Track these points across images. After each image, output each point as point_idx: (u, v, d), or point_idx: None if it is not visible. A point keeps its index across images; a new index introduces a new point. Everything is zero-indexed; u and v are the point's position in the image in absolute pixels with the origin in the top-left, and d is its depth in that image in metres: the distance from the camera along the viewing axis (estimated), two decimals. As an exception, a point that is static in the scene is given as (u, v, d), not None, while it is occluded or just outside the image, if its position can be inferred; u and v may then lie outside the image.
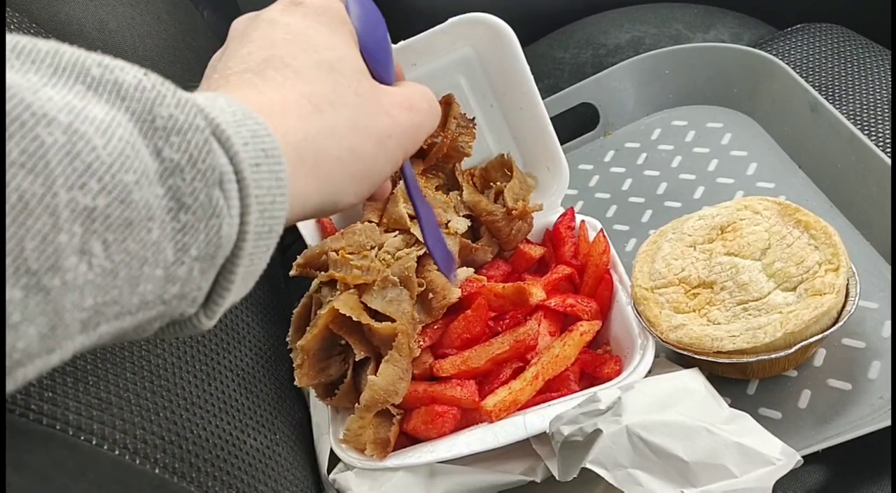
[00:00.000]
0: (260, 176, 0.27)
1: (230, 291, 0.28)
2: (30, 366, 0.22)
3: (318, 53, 0.34)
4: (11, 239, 0.20)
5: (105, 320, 0.23)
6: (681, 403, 0.46)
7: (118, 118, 0.23)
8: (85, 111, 0.23)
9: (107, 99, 0.24)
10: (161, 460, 0.42)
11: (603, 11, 0.96)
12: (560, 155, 0.64)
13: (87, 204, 0.22)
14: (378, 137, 0.35)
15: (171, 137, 0.24)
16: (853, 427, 0.50)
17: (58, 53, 0.24)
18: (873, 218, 0.60)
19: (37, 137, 0.21)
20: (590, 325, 0.54)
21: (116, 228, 0.23)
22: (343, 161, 0.33)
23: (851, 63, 0.76)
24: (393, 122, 0.36)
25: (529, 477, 0.52)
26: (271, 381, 0.59)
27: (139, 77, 0.25)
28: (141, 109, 0.24)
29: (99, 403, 0.40)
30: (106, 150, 0.23)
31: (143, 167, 0.24)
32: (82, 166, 0.22)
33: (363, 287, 0.54)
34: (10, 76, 0.21)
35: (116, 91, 0.24)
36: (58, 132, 0.22)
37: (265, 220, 0.28)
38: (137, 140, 0.24)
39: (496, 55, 0.61)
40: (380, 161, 0.35)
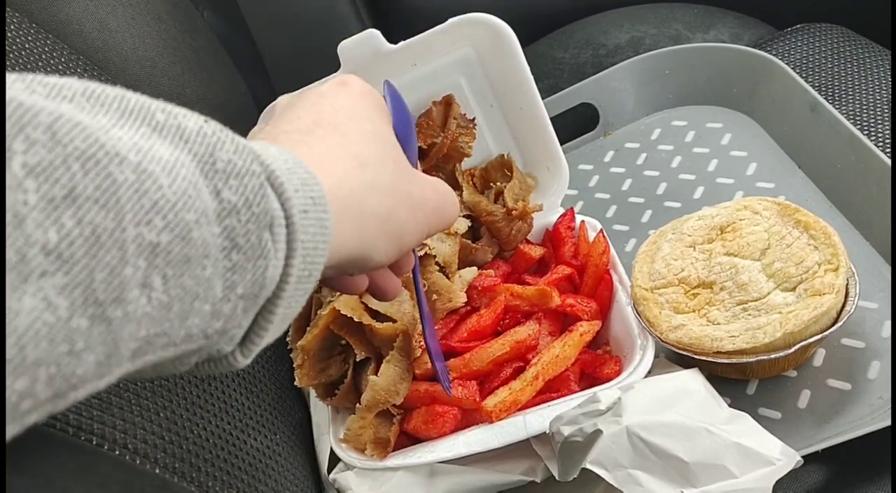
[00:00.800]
0: (307, 222, 0.29)
1: (268, 331, 0.29)
2: (81, 390, 0.22)
3: (363, 123, 0.37)
4: (84, 270, 0.21)
5: (152, 350, 0.24)
6: (681, 403, 0.46)
7: (182, 159, 0.25)
8: (152, 151, 0.24)
9: (171, 141, 0.25)
10: (161, 460, 0.42)
11: (603, 11, 0.96)
12: (560, 155, 0.64)
13: (151, 240, 0.23)
14: (411, 205, 0.37)
15: (231, 180, 0.26)
16: (853, 427, 0.50)
17: (125, 98, 0.25)
18: (873, 218, 0.60)
19: (109, 175, 0.22)
20: (590, 325, 0.54)
21: (176, 264, 0.24)
22: (381, 218, 0.35)
23: (851, 63, 0.76)
24: (424, 196, 0.38)
25: (529, 477, 0.52)
26: (271, 381, 0.59)
27: (200, 123, 0.26)
28: (203, 152, 0.26)
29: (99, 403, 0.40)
30: (171, 188, 0.24)
31: (204, 207, 0.25)
32: (149, 204, 0.23)
33: (363, 287, 0.54)
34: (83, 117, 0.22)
35: (180, 135, 0.25)
36: (128, 171, 0.23)
37: (307, 264, 0.29)
38: (199, 181, 0.25)
39: (496, 55, 0.61)
40: (410, 227, 0.37)
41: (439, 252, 0.57)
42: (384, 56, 0.60)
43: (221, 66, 0.80)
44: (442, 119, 0.62)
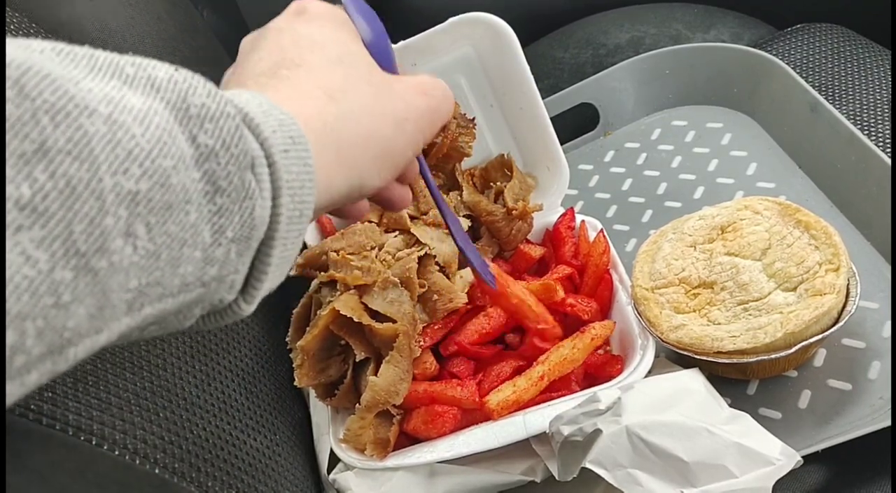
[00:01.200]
0: (289, 161, 0.29)
1: (267, 274, 0.29)
2: (80, 345, 0.23)
3: (326, 50, 0.36)
4: (61, 222, 0.21)
5: (148, 301, 0.25)
6: (681, 403, 0.46)
7: (154, 107, 0.25)
8: (123, 102, 0.24)
9: (142, 91, 0.25)
10: (161, 460, 0.42)
11: (603, 11, 0.96)
12: (560, 155, 0.64)
13: (130, 188, 0.23)
14: (395, 120, 0.36)
15: (205, 123, 0.26)
16: (853, 427, 0.50)
17: (94, 56, 0.25)
18: (873, 218, 0.60)
19: (80, 127, 0.22)
20: (602, 328, 0.54)
21: (158, 211, 0.24)
22: (363, 145, 0.34)
23: (851, 63, 0.76)
24: (408, 106, 0.37)
25: (529, 477, 0.52)
26: (271, 381, 0.59)
27: (171, 72, 0.26)
28: (175, 99, 0.25)
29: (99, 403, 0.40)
30: (144, 137, 0.24)
31: (180, 153, 0.25)
32: (124, 153, 0.23)
33: (364, 288, 0.54)
34: (53, 68, 0.22)
35: (151, 84, 0.25)
36: (99, 122, 0.23)
37: (296, 204, 0.29)
38: (174, 127, 0.25)
39: (496, 55, 0.61)
40: (399, 143, 0.36)
41: (439, 252, 0.57)
42: (384, 56, 0.60)
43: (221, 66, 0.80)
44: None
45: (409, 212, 0.60)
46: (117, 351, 0.44)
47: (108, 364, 0.43)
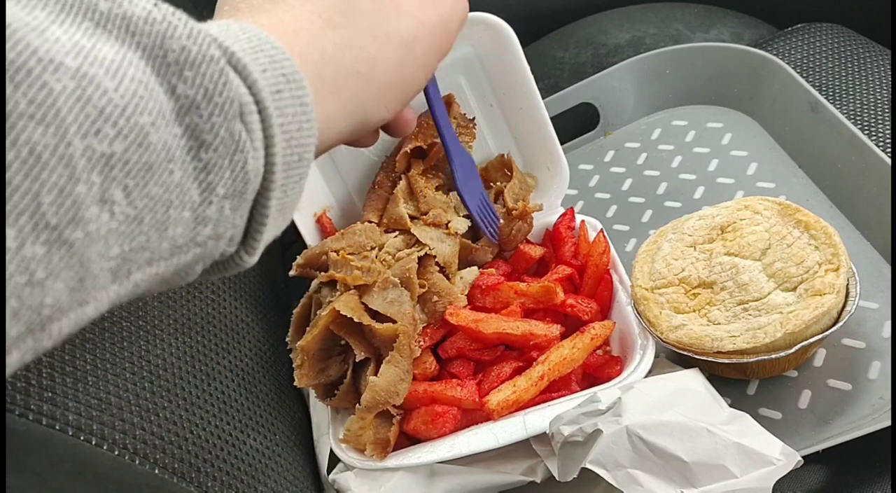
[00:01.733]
0: (283, 103, 0.26)
1: (266, 225, 0.27)
2: (64, 320, 0.21)
3: None
4: (27, 194, 0.19)
5: (136, 267, 0.23)
6: (681, 403, 0.46)
7: (129, 56, 0.23)
8: (94, 51, 0.22)
9: (116, 35, 0.23)
10: (161, 460, 0.42)
11: (603, 11, 0.96)
12: (560, 155, 0.64)
13: (103, 151, 0.21)
14: (402, 42, 0.33)
15: (185, 71, 0.24)
16: (853, 427, 0.50)
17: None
18: (873, 218, 0.60)
19: (45, 85, 0.20)
20: (602, 328, 0.54)
21: (136, 173, 0.22)
22: (364, 74, 0.31)
23: (851, 63, 0.76)
24: (417, 22, 0.34)
25: (529, 477, 0.52)
26: (271, 381, 0.59)
27: (149, 8, 0.24)
28: (152, 44, 0.23)
29: (99, 403, 0.40)
30: (118, 92, 0.22)
31: (159, 107, 0.23)
32: (95, 112, 0.21)
33: (364, 288, 0.54)
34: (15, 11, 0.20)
35: (126, 26, 0.23)
36: (66, 78, 0.21)
37: (293, 149, 0.27)
38: (150, 79, 0.23)
39: (496, 55, 0.61)
40: (408, 68, 0.33)
41: (439, 252, 0.57)
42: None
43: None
44: None
45: (408, 212, 0.60)
46: (117, 351, 0.44)
47: (108, 364, 0.43)
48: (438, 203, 0.61)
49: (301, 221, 0.65)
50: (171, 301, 0.52)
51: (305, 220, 0.65)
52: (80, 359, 0.41)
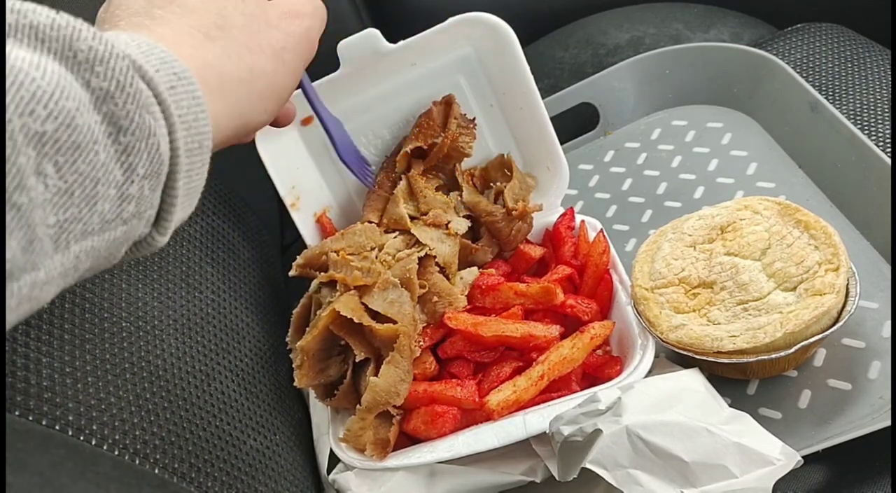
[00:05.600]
0: (178, 97, 0.30)
1: (175, 206, 0.31)
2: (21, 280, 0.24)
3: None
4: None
5: (73, 238, 0.26)
6: (681, 403, 0.46)
7: (43, 58, 0.25)
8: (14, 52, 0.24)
9: (27, 42, 0.25)
10: (161, 460, 0.42)
11: (603, 11, 0.96)
12: (560, 155, 0.64)
13: (37, 129, 0.24)
14: (273, 52, 0.37)
15: (96, 67, 0.26)
16: (853, 427, 0.50)
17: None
18: (873, 218, 0.60)
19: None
20: (601, 328, 0.54)
21: (66, 150, 0.25)
22: (245, 81, 0.35)
23: (851, 63, 0.76)
24: (284, 34, 0.38)
25: (529, 477, 0.52)
26: (271, 381, 0.59)
27: (52, 16, 0.26)
28: (61, 47, 0.26)
29: (99, 403, 0.40)
30: (44, 80, 0.24)
31: (79, 96, 0.26)
32: (28, 95, 0.24)
33: (364, 288, 0.54)
34: None
35: (34, 34, 0.26)
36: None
37: (192, 136, 0.30)
38: (66, 74, 0.25)
39: (496, 55, 0.61)
40: (280, 75, 0.38)
41: (439, 253, 0.57)
42: (383, 55, 0.60)
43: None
44: (442, 119, 0.62)
45: (408, 212, 0.60)
46: (117, 351, 0.44)
47: (108, 365, 0.43)
48: (438, 203, 0.61)
49: (301, 222, 0.65)
50: (171, 301, 0.52)
51: (305, 220, 0.65)
52: (80, 359, 0.41)
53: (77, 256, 0.26)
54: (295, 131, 0.65)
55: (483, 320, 0.54)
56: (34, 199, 0.24)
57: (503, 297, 0.57)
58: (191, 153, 0.30)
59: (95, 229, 0.27)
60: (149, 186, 0.28)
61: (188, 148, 0.30)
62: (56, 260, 0.25)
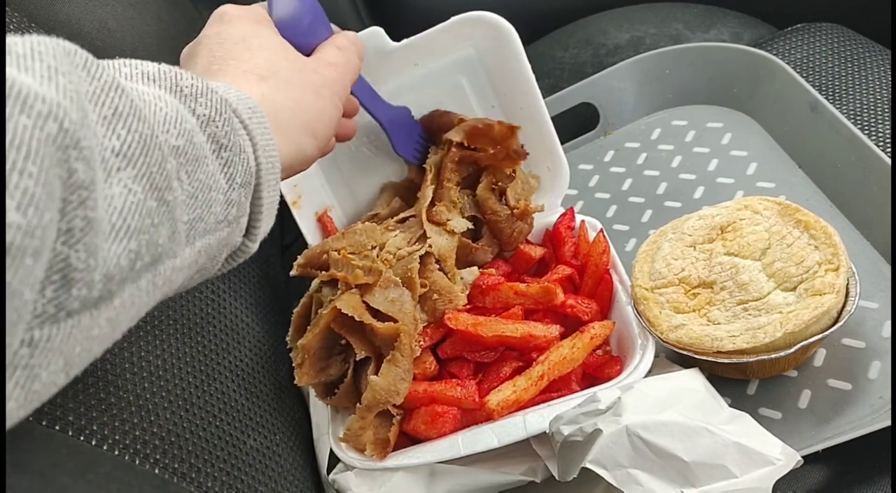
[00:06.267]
0: (254, 124, 0.36)
1: (262, 215, 0.37)
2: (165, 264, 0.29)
3: (248, 42, 0.43)
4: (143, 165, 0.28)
5: (197, 234, 0.32)
6: (681, 403, 0.46)
7: (161, 92, 0.31)
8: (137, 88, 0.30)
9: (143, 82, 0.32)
10: (161, 460, 0.42)
11: (603, 11, 0.96)
12: (560, 155, 0.64)
13: (173, 143, 0.30)
14: (314, 88, 0.44)
15: (199, 98, 0.33)
16: (853, 427, 0.50)
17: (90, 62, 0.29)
18: (873, 218, 0.60)
19: (131, 100, 0.28)
20: (601, 328, 0.54)
21: (191, 162, 0.31)
22: (295, 110, 0.41)
23: (851, 63, 0.76)
24: (321, 77, 0.45)
25: (529, 477, 0.52)
26: (271, 381, 0.59)
27: (157, 65, 0.33)
28: (169, 84, 0.32)
29: (99, 403, 0.40)
30: (170, 106, 0.31)
31: (191, 120, 0.32)
32: (162, 116, 0.30)
33: (365, 287, 0.54)
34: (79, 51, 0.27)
35: (146, 77, 0.32)
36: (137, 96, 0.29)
37: (268, 158, 0.37)
38: (178, 104, 0.32)
39: (497, 55, 0.61)
40: (322, 105, 0.44)
41: (436, 245, 0.57)
42: (386, 54, 0.60)
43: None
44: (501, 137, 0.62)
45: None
46: (117, 352, 0.44)
47: (108, 365, 0.43)
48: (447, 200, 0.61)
49: (302, 221, 0.65)
50: (171, 301, 0.52)
51: (306, 219, 0.65)
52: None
53: (199, 250, 0.32)
54: (295, 131, 0.65)
55: (483, 320, 0.54)
56: (176, 198, 0.29)
57: (503, 297, 0.57)
58: (269, 171, 0.36)
59: (211, 228, 0.33)
60: (244, 195, 0.35)
61: (267, 166, 0.36)
62: (187, 252, 0.31)
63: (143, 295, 0.28)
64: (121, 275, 0.26)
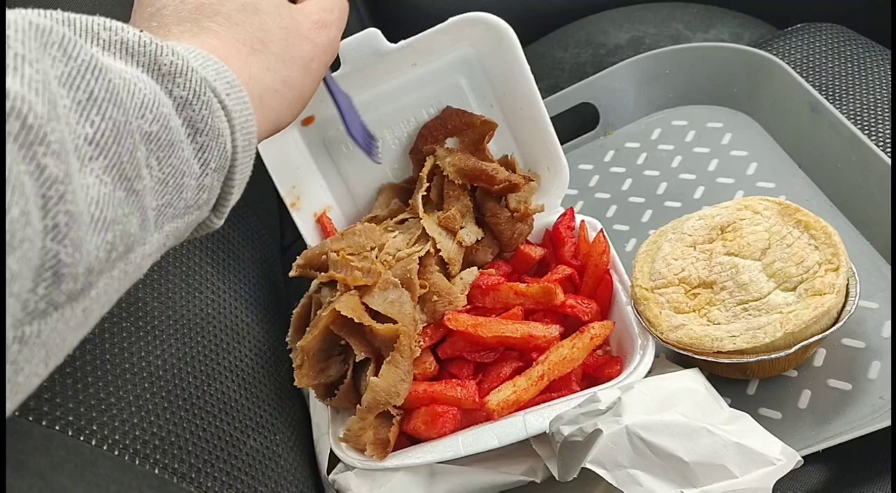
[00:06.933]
0: (233, 103, 0.34)
1: (232, 194, 0.36)
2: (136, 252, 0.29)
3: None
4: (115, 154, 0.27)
5: (166, 219, 0.31)
6: (681, 403, 0.46)
7: (138, 72, 0.30)
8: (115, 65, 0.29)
9: (120, 56, 0.30)
10: (161, 460, 0.42)
11: (603, 11, 0.96)
12: (560, 155, 0.64)
13: (146, 129, 0.29)
14: (304, 64, 0.41)
15: (177, 78, 0.31)
16: (853, 427, 0.50)
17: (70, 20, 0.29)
18: (873, 218, 0.60)
19: (110, 81, 0.27)
20: (601, 328, 0.54)
21: (164, 147, 0.30)
22: (279, 92, 0.39)
23: (851, 63, 0.76)
24: (314, 45, 0.42)
25: (529, 477, 0.52)
26: (271, 381, 0.59)
27: (138, 34, 0.31)
28: (148, 61, 0.31)
29: (99, 403, 0.40)
30: (147, 89, 0.29)
31: (168, 103, 0.30)
32: (139, 101, 0.29)
33: (364, 288, 0.54)
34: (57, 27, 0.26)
35: (125, 49, 0.30)
36: (117, 78, 0.28)
37: (245, 136, 0.35)
38: (155, 85, 0.30)
39: (496, 55, 0.61)
40: (307, 84, 0.42)
41: (444, 248, 0.57)
42: (384, 55, 0.60)
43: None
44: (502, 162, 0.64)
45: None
46: (117, 352, 0.44)
47: (108, 365, 0.43)
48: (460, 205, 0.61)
49: (301, 222, 0.65)
50: (171, 301, 0.52)
51: (305, 220, 0.65)
52: (80, 359, 0.41)
53: (167, 234, 0.31)
54: (295, 131, 0.65)
55: (483, 320, 0.54)
56: (146, 186, 0.29)
57: (503, 297, 0.57)
58: (245, 150, 0.35)
59: (181, 213, 0.32)
60: (217, 178, 0.34)
61: (244, 146, 0.35)
62: (155, 237, 0.30)
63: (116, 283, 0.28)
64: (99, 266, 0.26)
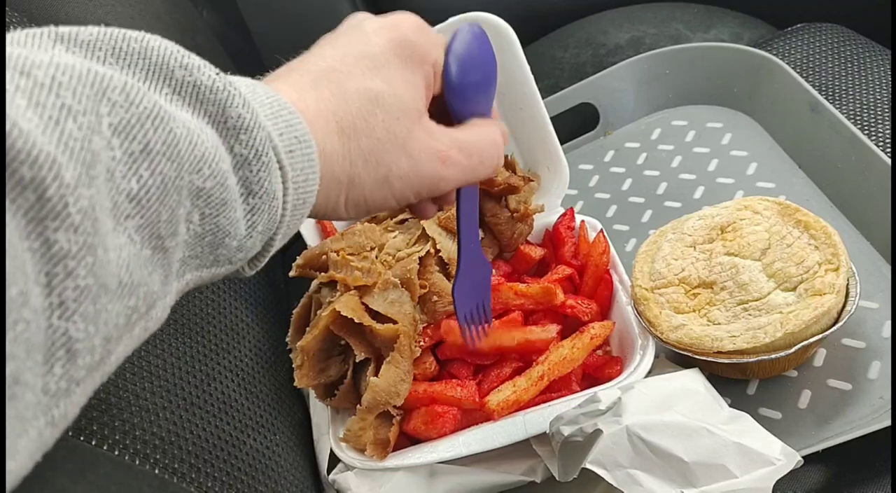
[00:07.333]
0: (294, 160, 0.31)
1: (271, 252, 0.33)
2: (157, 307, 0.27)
3: (373, 81, 0.35)
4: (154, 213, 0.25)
5: (189, 269, 0.29)
6: (681, 403, 0.46)
7: (202, 124, 0.28)
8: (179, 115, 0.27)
9: (189, 102, 0.28)
10: (161, 460, 0.42)
11: (603, 11, 0.96)
12: (560, 155, 0.64)
13: (199, 185, 0.27)
14: (385, 176, 0.36)
15: (241, 135, 0.29)
16: (853, 427, 0.50)
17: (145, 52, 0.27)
18: (873, 218, 0.60)
19: (171, 131, 0.26)
20: (601, 328, 0.54)
21: (214, 205, 0.28)
22: (342, 184, 0.35)
23: (851, 63, 0.76)
24: (412, 168, 0.36)
25: (529, 477, 0.52)
26: (271, 382, 0.59)
27: (213, 77, 0.29)
28: (215, 112, 0.28)
29: (99, 403, 0.40)
30: (209, 142, 0.27)
31: (227, 160, 0.28)
32: (199, 155, 0.27)
33: (364, 288, 0.54)
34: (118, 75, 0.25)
35: (196, 94, 0.28)
36: (180, 127, 0.26)
37: (300, 195, 0.32)
38: (217, 139, 0.28)
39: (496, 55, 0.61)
40: (377, 196, 0.36)
41: (444, 248, 0.57)
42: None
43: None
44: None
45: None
46: (117, 351, 0.44)
47: (107, 364, 0.43)
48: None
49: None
50: (171, 301, 0.52)
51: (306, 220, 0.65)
52: (80, 359, 0.41)
53: (188, 282, 0.29)
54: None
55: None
56: (178, 242, 0.27)
57: (503, 297, 0.57)
58: (295, 209, 0.32)
59: (208, 265, 0.30)
60: (261, 240, 0.31)
61: (294, 205, 0.32)
62: (174, 286, 0.28)
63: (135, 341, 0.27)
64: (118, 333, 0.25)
